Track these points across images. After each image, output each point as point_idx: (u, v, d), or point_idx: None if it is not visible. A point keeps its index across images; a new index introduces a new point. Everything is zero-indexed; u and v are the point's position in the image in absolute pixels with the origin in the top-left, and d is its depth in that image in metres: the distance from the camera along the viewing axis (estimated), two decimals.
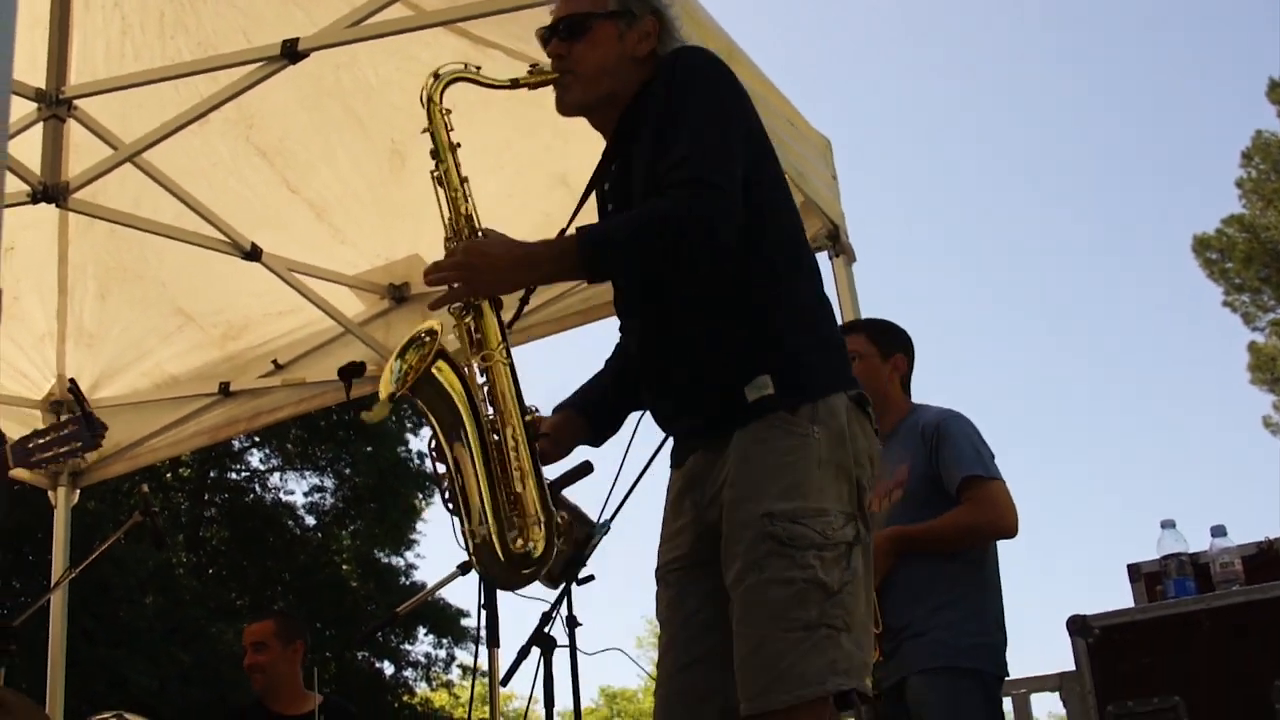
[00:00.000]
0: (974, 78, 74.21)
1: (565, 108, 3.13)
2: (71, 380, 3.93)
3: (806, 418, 2.74)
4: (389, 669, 25.33)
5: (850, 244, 5.37)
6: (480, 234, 2.98)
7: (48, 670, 6.40)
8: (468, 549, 2.89)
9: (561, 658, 4.10)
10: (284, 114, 5.53)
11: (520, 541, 2.85)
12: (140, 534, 5.59)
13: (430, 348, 2.90)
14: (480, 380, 2.95)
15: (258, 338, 6.38)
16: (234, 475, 25.07)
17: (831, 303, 3.00)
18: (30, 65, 5.19)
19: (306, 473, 25.50)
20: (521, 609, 4.28)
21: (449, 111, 3.16)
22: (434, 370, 2.90)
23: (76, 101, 5.23)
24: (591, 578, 4.20)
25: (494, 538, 2.84)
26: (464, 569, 3.99)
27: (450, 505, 2.91)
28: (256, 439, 23.88)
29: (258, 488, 25.25)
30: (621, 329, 3.23)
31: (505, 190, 5.71)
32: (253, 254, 5.82)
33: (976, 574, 4.25)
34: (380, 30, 4.51)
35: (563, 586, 4.16)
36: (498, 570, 2.89)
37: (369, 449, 24.91)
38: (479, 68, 3.18)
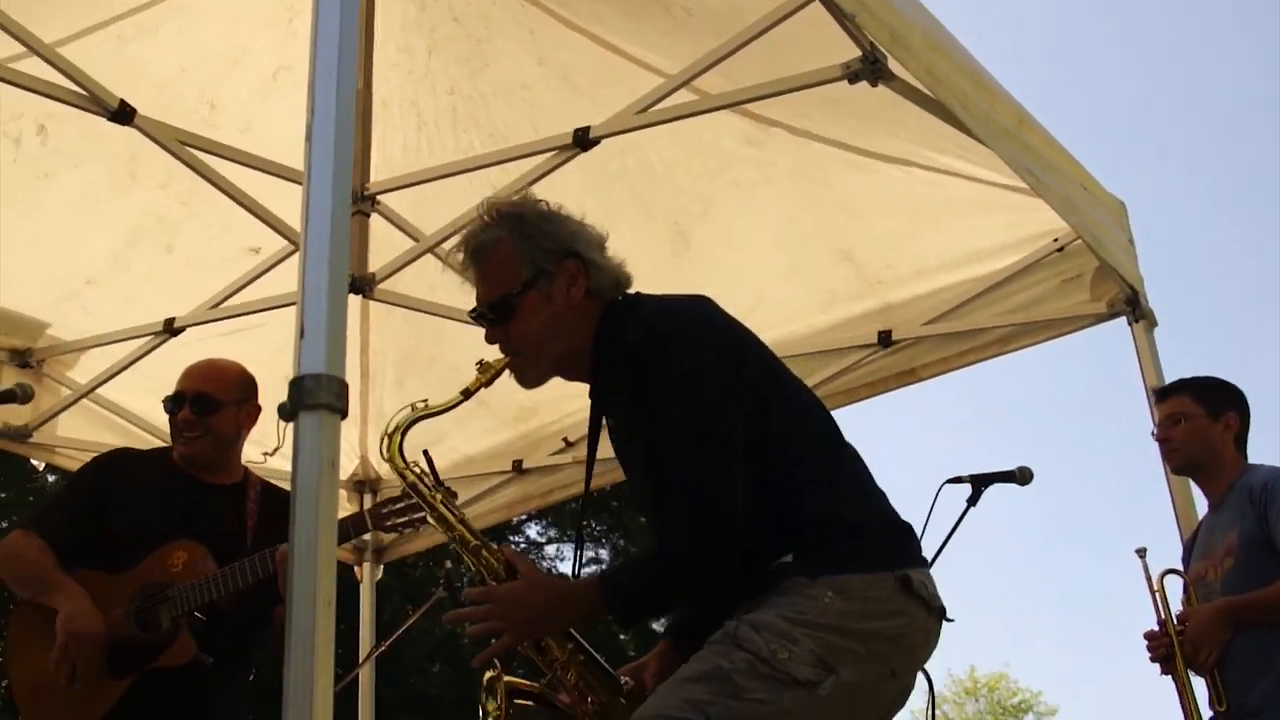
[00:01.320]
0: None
1: (529, 384, 3.08)
2: (426, 452, 4.08)
3: (825, 585, 2.64)
4: None
5: (1150, 308, 5.19)
6: (513, 573, 2.97)
7: None
8: None
9: None
10: (570, 199, 5.58)
11: None
12: (434, 607, 5.71)
13: (502, 691, 2.92)
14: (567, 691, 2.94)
15: (548, 417, 6.51)
16: (513, 547, 25.57)
17: (876, 486, 2.92)
18: None
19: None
20: None
21: (417, 464, 3.19)
22: (517, 703, 2.93)
23: (380, 197, 5.47)
24: None
25: None
26: None
27: None
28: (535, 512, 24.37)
29: (536, 559, 25.70)
30: None
31: (789, 267, 5.72)
32: None
33: None
34: (668, 115, 4.58)
35: None
36: None
37: (643, 520, 25.07)
38: (425, 401, 3.12)
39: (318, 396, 1.97)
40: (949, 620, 2.83)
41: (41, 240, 5.58)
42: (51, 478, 17.86)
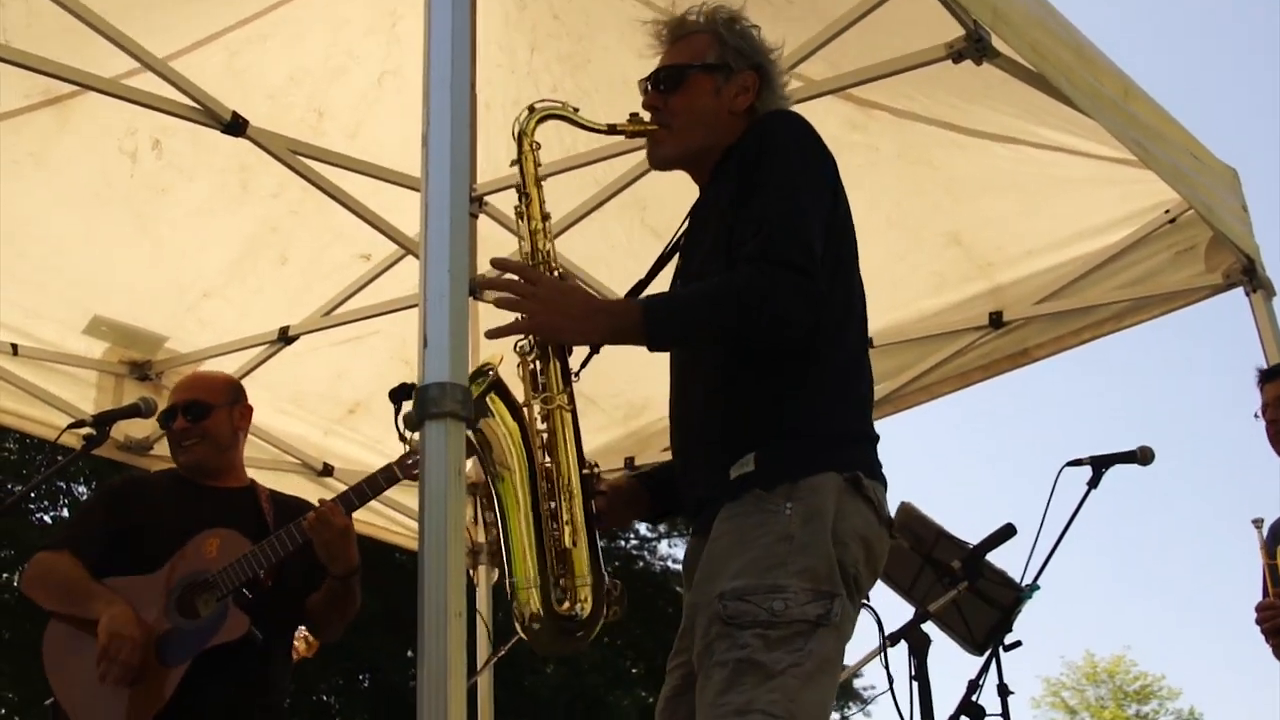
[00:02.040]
0: None
1: (656, 161, 3.10)
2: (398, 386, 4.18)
3: (782, 495, 2.58)
4: None
5: (1268, 277, 5.07)
6: (558, 273, 2.91)
7: None
8: (513, 609, 2.74)
9: None
10: (675, 194, 5.59)
11: (566, 604, 2.71)
12: None
13: (487, 379, 2.81)
14: (541, 427, 2.80)
15: (659, 413, 6.51)
16: (624, 543, 25.68)
17: (869, 381, 2.88)
18: None
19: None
20: (948, 678, 4.19)
21: (539, 146, 3.09)
22: (488, 402, 2.79)
23: (487, 198, 5.52)
24: (1019, 643, 4.09)
25: (537, 595, 2.70)
26: (893, 640, 3.93)
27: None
28: None
29: (647, 555, 25.78)
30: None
31: (896, 251, 5.66)
32: None
33: None
34: None
35: (989, 652, 4.07)
36: (539, 631, 2.73)
37: None
38: (577, 109, 3.14)
39: (443, 405, 1.99)
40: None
41: (159, 254, 5.70)
42: None
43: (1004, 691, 3.92)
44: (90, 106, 4.94)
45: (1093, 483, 4.27)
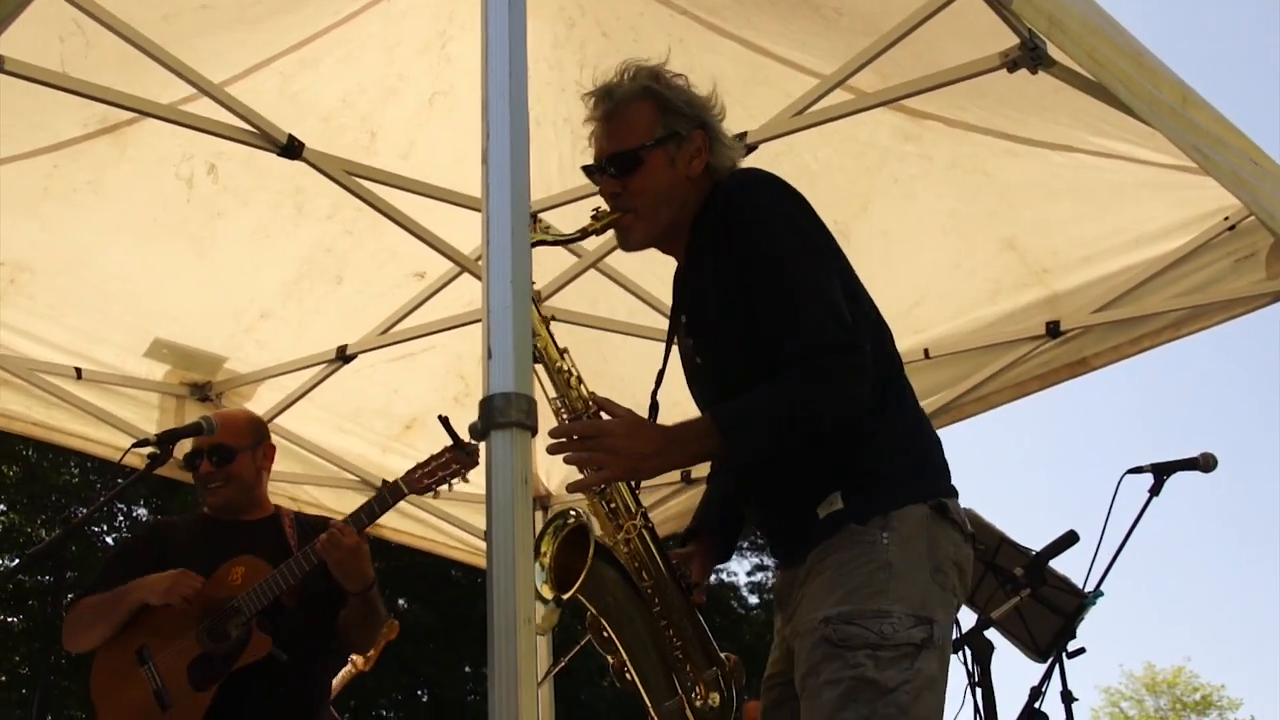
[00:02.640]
0: None
1: (630, 245, 3.08)
2: (442, 417, 4.28)
3: (877, 527, 2.66)
4: None
5: None
6: (599, 407, 2.87)
7: None
8: None
9: None
10: None
11: (701, 701, 2.89)
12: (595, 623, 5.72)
13: (585, 543, 2.86)
14: (625, 550, 2.93)
15: (679, 417, 6.50)
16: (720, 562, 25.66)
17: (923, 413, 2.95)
18: None
19: (748, 553, 25.83)
20: (1012, 684, 4.19)
21: (550, 318, 3.23)
22: (590, 563, 2.86)
23: (539, 215, 5.52)
24: (1082, 650, 4.07)
25: (686, 708, 2.90)
26: (955, 647, 3.92)
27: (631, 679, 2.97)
28: None
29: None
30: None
31: (952, 259, 5.65)
32: None
33: None
34: (824, 116, 4.56)
35: (1052, 659, 4.04)
36: None
37: None
38: (549, 227, 3.25)
39: (508, 414, 2.00)
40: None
41: (216, 277, 5.77)
42: None
43: (1068, 699, 3.91)
44: (145, 134, 5.01)
45: (1155, 490, 4.25)
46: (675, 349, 3.18)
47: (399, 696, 21.77)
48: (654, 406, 3.25)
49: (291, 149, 4.61)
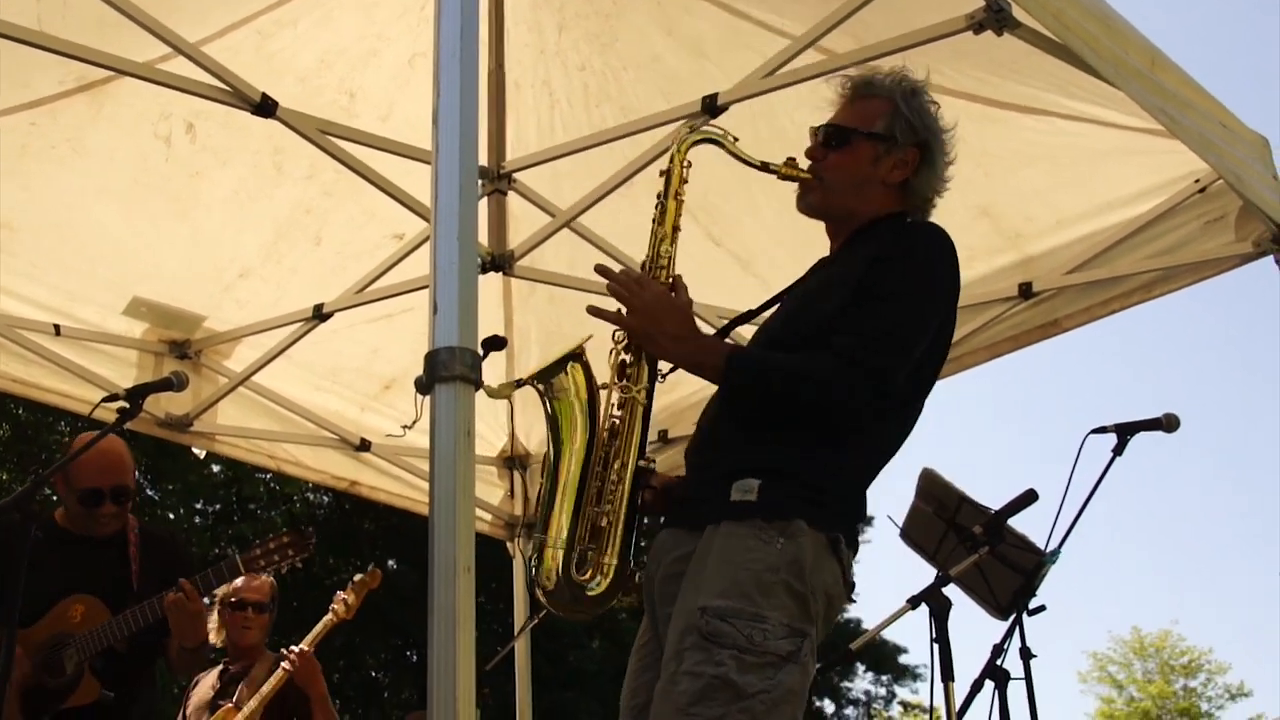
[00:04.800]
0: None
1: (803, 206, 3.19)
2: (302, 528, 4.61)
3: (778, 530, 2.71)
4: (829, 707, 25.39)
5: None
6: (672, 280, 3.03)
7: (515, 714, 6.76)
8: (532, 560, 2.92)
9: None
10: (706, 169, 5.64)
11: (586, 574, 2.86)
12: None
13: (575, 350, 2.98)
14: (617, 413, 2.94)
15: (692, 386, 6.54)
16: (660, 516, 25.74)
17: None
18: None
19: None
20: (972, 642, 4.25)
21: (689, 165, 3.23)
22: (568, 371, 2.97)
23: (515, 175, 5.57)
24: (1043, 608, 4.13)
25: (559, 558, 2.86)
26: (913, 603, 3.99)
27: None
28: None
29: None
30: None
31: None
32: None
33: None
34: (795, 78, 4.58)
35: (1014, 617, 4.10)
36: (551, 590, 2.89)
37: None
38: (736, 139, 3.27)
39: (452, 368, 2.06)
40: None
41: (195, 236, 5.81)
42: (216, 467, 18.50)
43: (1026, 655, 3.96)
44: (124, 92, 5.04)
45: (1118, 450, 4.29)
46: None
47: (386, 657, 21.90)
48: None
49: (265, 107, 4.63)
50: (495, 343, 3.09)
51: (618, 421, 2.94)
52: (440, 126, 2.22)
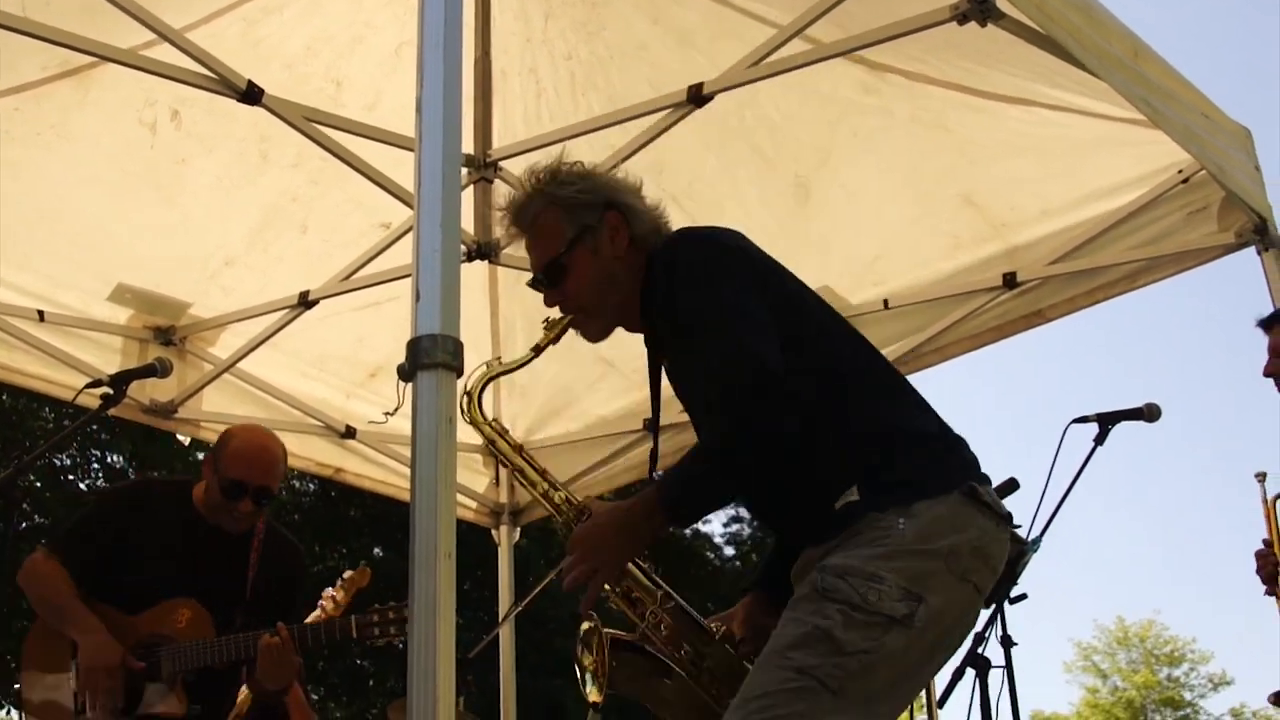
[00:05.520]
0: None
1: (593, 339, 3.19)
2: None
3: (895, 515, 2.70)
4: None
5: None
6: (586, 514, 3.02)
7: (500, 700, 6.78)
8: None
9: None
10: (692, 157, 5.68)
11: None
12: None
13: (600, 643, 3.02)
14: (663, 632, 3.02)
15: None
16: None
17: (929, 405, 2.97)
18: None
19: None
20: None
21: (498, 421, 3.35)
22: (615, 662, 3.02)
23: (501, 163, 5.57)
24: (1024, 596, 4.15)
25: None
26: None
27: None
28: None
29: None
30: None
31: (911, 215, 5.70)
32: None
33: None
34: (780, 67, 4.60)
35: (994, 606, 4.12)
36: None
37: None
38: (499, 358, 3.38)
39: (434, 356, 2.06)
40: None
41: (181, 223, 5.79)
42: (201, 454, 18.47)
43: (1007, 643, 3.98)
44: (109, 78, 5.02)
45: (1099, 439, 4.30)
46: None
47: (372, 646, 21.91)
48: (654, 453, 3.57)
49: (251, 95, 4.62)
50: None
51: (670, 633, 3.03)
52: (424, 114, 2.23)
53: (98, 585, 4.35)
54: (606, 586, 2.96)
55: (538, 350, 3.20)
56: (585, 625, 3.09)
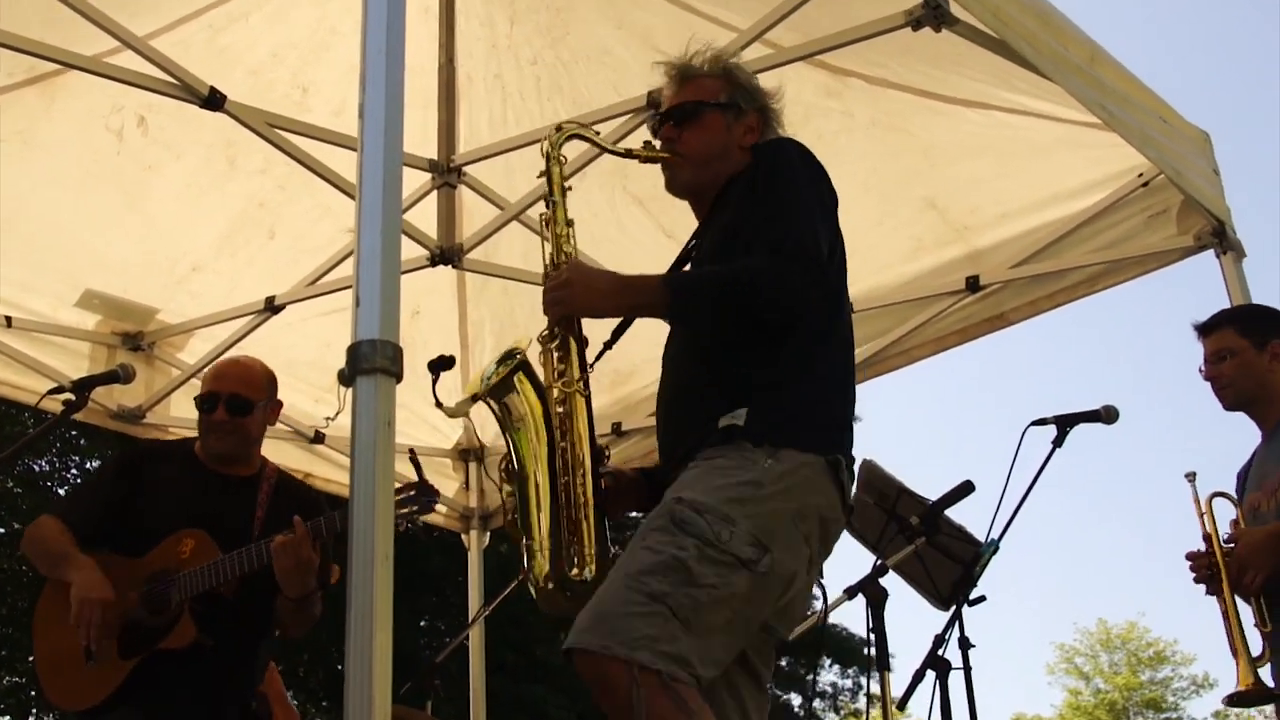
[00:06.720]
0: None
1: (676, 188, 3.33)
2: (411, 450, 4.27)
3: (765, 453, 2.81)
4: (796, 700, 25.48)
5: (1239, 239, 5.10)
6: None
7: (470, 705, 6.80)
8: (529, 571, 3.01)
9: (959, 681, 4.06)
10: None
11: (575, 569, 2.95)
12: None
13: (515, 360, 3.06)
14: (559, 410, 3.06)
15: (645, 379, 6.59)
16: (640, 513, 25.77)
17: (850, 382, 3.09)
18: (423, 139, 5.61)
19: None
20: (915, 632, 4.30)
21: (565, 160, 3.35)
22: (516, 380, 3.06)
23: (465, 168, 5.60)
24: (983, 598, 4.17)
25: (548, 559, 2.96)
26: (850, 593, 4.04)
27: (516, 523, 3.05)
28: None
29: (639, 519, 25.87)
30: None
31: (874, 216, 5.72)
32: None
33: None
34: None
35: (954, 608, 4.15)
36: (550, 592, 2.97)
37: None
38: (599, 131, 3.53)
39: (373, 361, 2.09)
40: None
41: (149, 229, 5.81)
42: None
43: (965, 645, 4.00)
44: (75, 85, 5.04)
45: (1057, 441, 4.32)
46: None
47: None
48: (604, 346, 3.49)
49: (214, 101, 4.65)
50: (443, 363, 3.22)
51: (564, 418, 3.06)
52: (366, 120, 2.26)
53: (106, 536, 4.27)
54: (543, 331, 3.11)
55: (628, 153, 3.36)
56: (515, 344, 3.15)
